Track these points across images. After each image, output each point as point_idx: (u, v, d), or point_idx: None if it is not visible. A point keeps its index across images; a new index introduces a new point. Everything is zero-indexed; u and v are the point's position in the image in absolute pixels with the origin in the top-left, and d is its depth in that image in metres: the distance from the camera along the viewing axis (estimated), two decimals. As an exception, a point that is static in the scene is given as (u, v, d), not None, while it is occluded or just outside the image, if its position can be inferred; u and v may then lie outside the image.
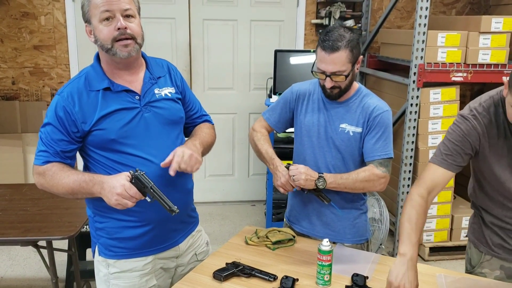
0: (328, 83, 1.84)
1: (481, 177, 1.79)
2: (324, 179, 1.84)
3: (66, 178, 1.57)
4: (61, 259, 3.16)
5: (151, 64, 1.75)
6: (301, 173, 1.82)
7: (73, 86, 1.61)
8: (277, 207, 3.85)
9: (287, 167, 1.89)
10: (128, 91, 1.64)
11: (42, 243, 2.33)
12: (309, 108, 1.99)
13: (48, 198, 2.59)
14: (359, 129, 1.91)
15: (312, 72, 1.89)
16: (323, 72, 1.83)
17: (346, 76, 1.82)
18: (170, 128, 1.73)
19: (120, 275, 1.72)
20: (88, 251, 3.07)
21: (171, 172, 1.59)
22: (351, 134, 1.92)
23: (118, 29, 1.55)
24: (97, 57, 1.68)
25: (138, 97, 1.66)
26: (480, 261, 1.86)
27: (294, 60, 3.78)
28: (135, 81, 1.68)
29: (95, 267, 1.80)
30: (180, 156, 1.60)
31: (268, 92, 4.03)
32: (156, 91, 1.70)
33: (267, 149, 2.03)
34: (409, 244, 1.55)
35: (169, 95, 1.74)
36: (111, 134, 1.60)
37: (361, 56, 1.90)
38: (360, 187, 1.89)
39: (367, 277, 1.70)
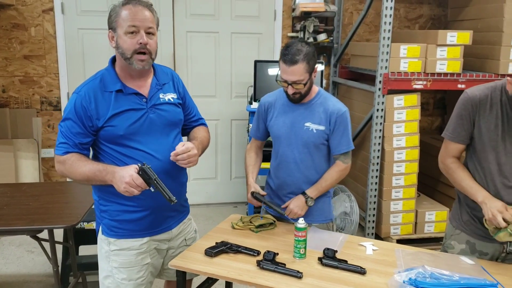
0: (290, 90, 2.19)
1: (468, 154, 2.10)
2: (312, 198, 2.25)
3: (83, 167, 1.82)
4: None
5: (158, 71, 2.02)
6: (297, 212, 2.22)
7: (90, 86, 1.86)
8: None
9: (255, 196, 2.30)
10: (137, 94, 1.90)
11: (42, 235, 2.53)
12: (275, 113, 2.34)
13: (47, 194, 2.82)
14: (321, 127, 2.25)
15: (276, 81, 2.23)
16: (286, 81, 2.17)
17: (305, 84, 2.18)
18: (171, 128, 2.01)
19: (119, 252, 1.97)
20: (81, 247, 3.27)
21: (172, 156, 1.87)
22: (315, 131, 2.25)
23: (140, 43, 1.80)
24: (112, 62, 1.93)
25: (145, 100, 1.92)
26: (451, 234, 2.18)
27: (273, 70, 4.09)
28: (144, 85, 1.93)
29: (98, 244, 2.05)
30: (188, 150, 1.88)
31: (249, 100, 4.33)
32: (161, 95, 1.97)
33: (247, 167, 2.43)
34: (478, 192, 1.96)
35: (172, 100, 2.01)
36: (120, 130, 1.85)
37: (317, 65, 2.25)
38: (336, 183, 2.33)
39: (336, 251, 1.99)
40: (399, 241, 3.90)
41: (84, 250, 3.30)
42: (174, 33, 4.41)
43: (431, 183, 4.44)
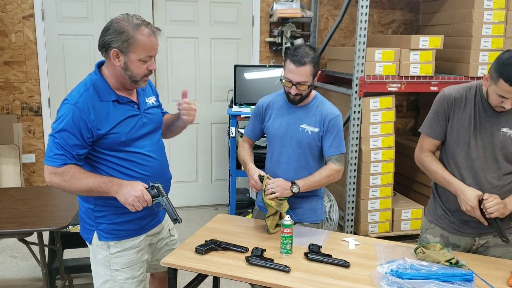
0: (293, 91, 2.27)
1: (442, 150, 2.23)
2: (297, 185, 2.27)
3: (85, 179, 1.85)
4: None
5: None
6: (278, 186, 2.25)
7: (86, 97, 1.87)
8: (239, 207, 4.23)
9: (261, 178, 2.29)
10: (131, 102, 2.00)
11: (30, 239, 2.56)
12: (273, 114, 2.43)
13: (35, 198, 2.85)
14: (316, 129, 2.35)
15: (280, 80, 2.31)
16: (290, 81, 2.25)
17: (309, 87, 2.27)
18: (158, 129, 2.14)
19: (121, 253, 2.04)
20: (66, 251, 3.30)
21: (184, 97, 2.15)
22: (310, 133, 2.35)
23: (149, 70, 1.92)
24: (98, 68, 1.95)
25: (137, 106, 2.03)
26: (426, 228, 2.31)
27: (252, 74, 4.20)
28: (132, 92, 2.03)
29: (92, 252, 2.09)
30: (191, 103, 2.13)
31: (229, 103, 4.42)
32: (146, 100, 2.09)
33: (245, 156, 2.48)
34: (452, 182, 2.10)
35: (154, 103, 2.15)
36: (122, 137, 1.93)
37: (320, 72, 2.34)
38: (325, 182, 2.36)
39: (321, 246, 2.10)
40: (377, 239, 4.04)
41: (68, 254, 3.32)
42: (154, 38, 4.45)
43: (406, 183, 4.61)
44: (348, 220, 3.98)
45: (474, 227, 2.14)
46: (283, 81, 2.28)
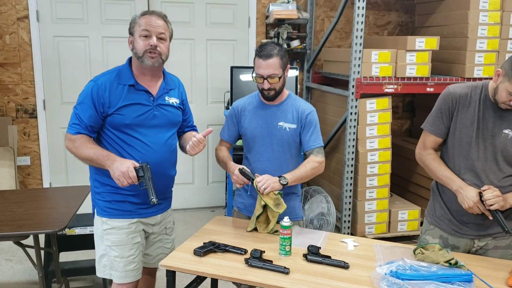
0: (266, 85, 2.31)
1: (443, 148, 2.22)
2: (285, 177, 2.29)
3: (89, 149, 2.07)
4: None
5: (167, 78, 2.27)
6: (268, 180, 2.25)
7: (107, 77, 2.12)
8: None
9: (242, 172, 2.29)
10: (147, 91, 2.16)
11: (26, 241, 2.53)
12: (248, 116, 2.45)
13: (31, 201, 2.81)
14: (294, 126, 2.39)
15: (252, 77, 2.36)
16: (261, 76, 2.30)
17: (280, 78, 2.31)
18: (169, 127, 2.25)
19: (111, 231, 2.18)
20: (62, 254, 3.27)
21: (206, 132, 2.23)
22: (288, 130, 2.39)
23: (151, 45, 2.07)
24: (129, 62, 2.19)
25: (152, 98, 2.17)
26: (426, 229, 2.30)
27: (248, 76, 4.16)
28: (153, 86, 2.19)
29: (95, 225, 2.26)
30: (203, 140, 2.23)
31: (226, 105, 4.41)
32: (166, 98, 2.22)
33: (223, 156, 2.50)
34: (453, 181, 2.10)
35: (175, 104, 2.26)
36: (127, 119, 2.10)
37: (289, 65, 2.41)
38: (310, 174, 2.39)
39: (320, 247, 2.09)
40: (374, 240, 4.04)
41: (65, 256, 3.30)
42: (150, 40, 4.44)
43: (402, 184, 4.62)
44: (345, 221, 3.98)
45: (473, 229, 2.14)
46: (255, 77, 2.34)
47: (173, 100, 2.25)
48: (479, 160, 2.08)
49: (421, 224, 4.16)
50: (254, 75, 2.34)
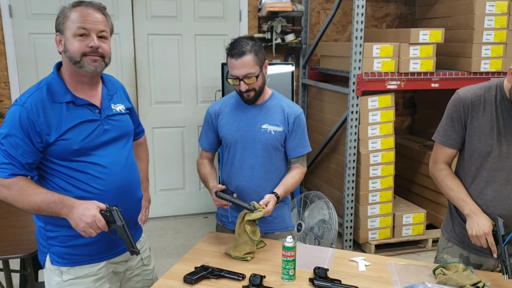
0: (243, 87, 2.04)
1: (459, 160, 1.97)
2: (276, 193, 2.08)
3: (34, 196, 1.61)
4: (15, 282, 3.05)
5: (106, 81, 1.87)
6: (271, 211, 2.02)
7: (36, 97, 1.64)
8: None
9: (218, 195, 2.03)
10: (90, 105, 1.74)
11: (-3, 264, 2.28)
12: (226, 119, 2.18)
13: (2, 218, 2.53)
14: (280, 128, 2.13)
15: (227, 80, 2.08)
16: (237, 78, 2.03)
17: (257, 77, 2.03)
18: (124, 139, 1.86)
19: (75, 281, 1.77)
20: (41, 272, 2.99)
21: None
22: (273, 133, 2.13)
23: (91, 47, 1.65)
24: (57, 68, 1.74)
25: (98, 111, 1.76)
26: (443, 247, 2.05)
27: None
28: (95, 95, 1.77)
29: (46, 277, 1.83)
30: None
31: (216, 105, 4.13)
32: (112, 106, 1.83)
33: (204, 174, 2.22)
34: (467, 204, 1.85)
35: (122, 110, 1.87)
36: (74, 144, 1.67)
37: (267, 61, 2.12)
38: (296, 185, 2.19)
39: (328, 269, 1.84)
40: (378, 246, 3.81)
41: (43, 275, 3.01)
42: (134, 36, 4.14)
43: (405, 185, 4.38)
44: (347, 227, 3.73)
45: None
46: (229, 80, 2.06)
47: (120, 107, 1.86)
48: (503, 170, 1.82)
49: (427, 227, 3.94)
50: (229, 77, 2.07)
